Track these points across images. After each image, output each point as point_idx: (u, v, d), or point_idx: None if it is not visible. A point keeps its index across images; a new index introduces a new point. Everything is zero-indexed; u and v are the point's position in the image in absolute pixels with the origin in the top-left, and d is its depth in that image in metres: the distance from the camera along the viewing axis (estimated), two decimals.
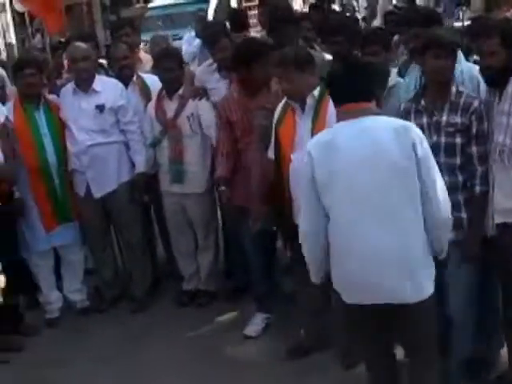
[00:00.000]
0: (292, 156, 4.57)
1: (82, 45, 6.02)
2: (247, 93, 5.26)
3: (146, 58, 7.14)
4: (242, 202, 5.31)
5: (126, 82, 6.14)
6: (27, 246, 6.05)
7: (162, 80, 5.86)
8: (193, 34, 9.63)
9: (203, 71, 6.33)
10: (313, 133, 4.40)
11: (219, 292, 6.16)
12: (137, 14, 16.33)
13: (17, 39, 13.44)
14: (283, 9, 6.79)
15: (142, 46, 8.00)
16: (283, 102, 4.74)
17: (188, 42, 9.54)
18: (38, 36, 13.67)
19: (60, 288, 6.32)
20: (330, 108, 4.11)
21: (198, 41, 8.64)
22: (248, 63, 5.13)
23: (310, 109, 4.58)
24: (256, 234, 5.13)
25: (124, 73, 6.21)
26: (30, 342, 5.80)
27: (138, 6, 20.17)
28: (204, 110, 5.77)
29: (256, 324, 5.53)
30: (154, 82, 6.08)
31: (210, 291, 6.17)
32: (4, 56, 14.09)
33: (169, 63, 5.76)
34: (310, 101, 4.59)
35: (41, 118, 5.93)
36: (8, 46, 18.78)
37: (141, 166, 5.98)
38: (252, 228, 5.13)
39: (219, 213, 6.20)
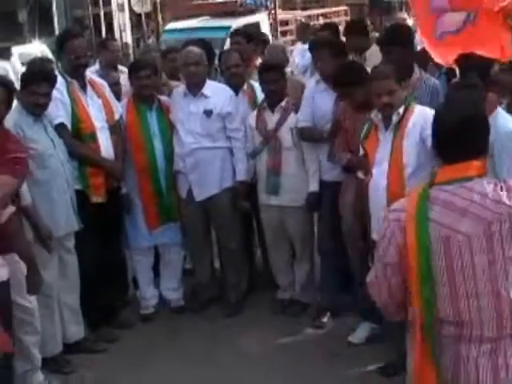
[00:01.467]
0: (373, 171, 4.65)
1: (195, 49, 6.15)
2: (354, 108, 5.32)
3: None
4: None
5: (236, 89, 6.24)
6: (129, 242, 6.25)
7: (264, 91, 5.95)
8: (306, 46, 9.70)
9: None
10: (392, 152, 4.54)
11: (312, 303, 6.16)
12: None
13: (132, 39, 13.83)
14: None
15: None
16: (369, 118, 4.82)
17: (301, 55, 9.63)
18: (153, 38, 14.10)
19: (157, 286, 6.46)
20: (410, 123, 4.35)
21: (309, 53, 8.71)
22: (348, 86, 5.22)
23: (392, 127, 4.65)
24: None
25: (234, 80, 6.31)
26: (123, 336, 5.97)
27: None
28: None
29: (361, 332, 5.55)
30: None
31: (304, 302, 6.18)
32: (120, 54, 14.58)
33: (272, 75, 5.83)
34: (394, 118, 4.63)
35: (152, 118, 6.10)
36: (124, 45, 19.35)
37: (242, 174, 6.07)
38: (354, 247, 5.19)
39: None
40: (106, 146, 5.79)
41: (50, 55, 16.73)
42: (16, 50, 17.55)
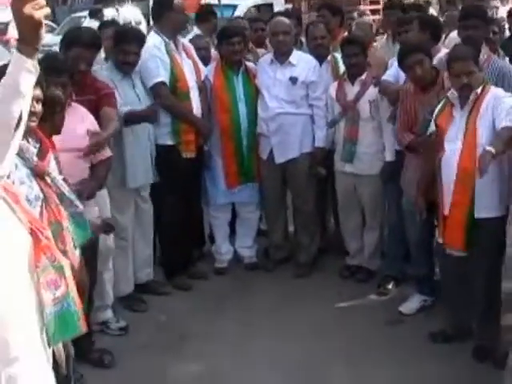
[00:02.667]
0: (445, 147, 4.76)
1: (283, 19, 6.41)
2: (419, 88, 5.44)
3: None
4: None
5: (320, 60, 6.44)
6: (208, 198, 6.57)
7: (345, 64, 6.15)
8: None
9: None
10: (467, 126, 4.63)
11: (379, 271, 6.35)
12: None
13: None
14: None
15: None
16: (444, 97, 4.93)
17: None
18: None
19: (232, 243, 6.78)
20: (485, 104, 4.40)
21: None
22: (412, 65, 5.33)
23: (468, 105, 4.72)
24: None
25: (319, 51, 6.52)
26: (196, 285, 6.32)
27: None
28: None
29: (412, 303, 5.72)
30: None
31: (371, 269, 6.39)
32: None
33: (353, 49, 6.02)
34: (472, 97, 4.70)
35: (239, 83, 6.37)
36: None
37: (320, 141, 6.29)
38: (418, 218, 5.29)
39: None
40: (197, 104, 6.12)
41: (142, 18, 17.22)
42: (108, 11, 18.00)
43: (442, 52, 5.81)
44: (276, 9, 13.39)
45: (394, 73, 5.89)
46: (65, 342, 3.22)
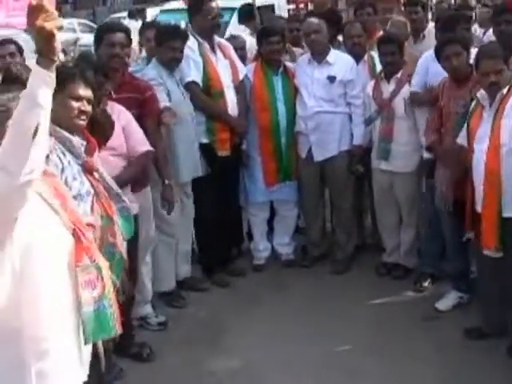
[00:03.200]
0: (474, 147, 4.78)
1: (314, 20, 6.48)
2: (455, 82, 5.46)
3: None
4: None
5: (357, 59, 6.50)
6: (247, 196, 6.67)
7: (382, 63, 6.18)
8: None
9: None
10: (492, 129, 4.64)
11: (415, 268, 6.36)
12: None
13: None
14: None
15: None
16: (475, 97, 4.94)
17: None
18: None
19: (270, 240, 6.86)
20: (509, 104, 4.44)
21: None
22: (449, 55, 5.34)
23: (495, 104, 4.72)
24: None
25: (356, 50, 6.58)
26: (235, 282, 6.42)
27: None
28: None
29: (448, 299, 5.74)
30: None
31: (408, 267, 6.40)
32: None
33: (389, 47, 6.05)
34: (498, 96, 4.70)
35: (278, 82, 6.45)
36: None
37: (359, 139, 6.36)
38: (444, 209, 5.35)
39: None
40: (232, 103, 6.21)
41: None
42: (150, 11, 18.23)
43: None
44: (277, 11, 13.20)
45: (418, 81, 5.95)
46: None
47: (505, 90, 4.70)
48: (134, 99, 5.23)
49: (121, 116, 4.86)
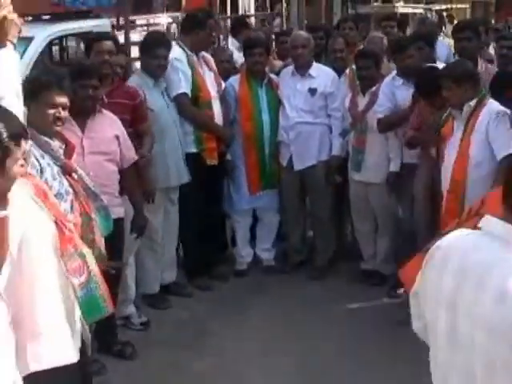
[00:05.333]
0: (445, 153, 5.00)
1: (302, 33, 6.76)
2: (432, 108, 5.57)
3: None
4: None
5: (339, 72, 6.71)
6: (231, 203, 6.86)
7: (358, 76, 6.37)
8: None
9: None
10: (462, 138, 4.86)
11: (391, 275, 6.41)
12: (372, 12, 16.89)
13: (256, 21, 14.20)
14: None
15: None
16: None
17: None
18: (278, 20, 14.43)
19: (252, 246, 7.05)
20: (480, 118, 4.68)
21: None
22: (429, 92, 5.51)
23: (464, 116, 4.94)
24: None
25: (338, 64, 6.81)
26: (217, 286, 6.60)
27: (375, 4, 20.68)
28: None
29: None
30: None
31: (385, 274, 6.55)
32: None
33: (365, 62, 6.27)
34: (465, 109, 4.92)
35: (262, 93, 6.66)
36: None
37: (336, 149, 6.58)
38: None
39: None
40: (218, 114, 6.42)
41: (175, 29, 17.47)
42: (140, 22, 18.28)
43: None
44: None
45: (384, 102, 6.09)
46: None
47: (472, 103, 4.89)
48: (126, 104, 5.43)
49: (113, 123, 5.06)
